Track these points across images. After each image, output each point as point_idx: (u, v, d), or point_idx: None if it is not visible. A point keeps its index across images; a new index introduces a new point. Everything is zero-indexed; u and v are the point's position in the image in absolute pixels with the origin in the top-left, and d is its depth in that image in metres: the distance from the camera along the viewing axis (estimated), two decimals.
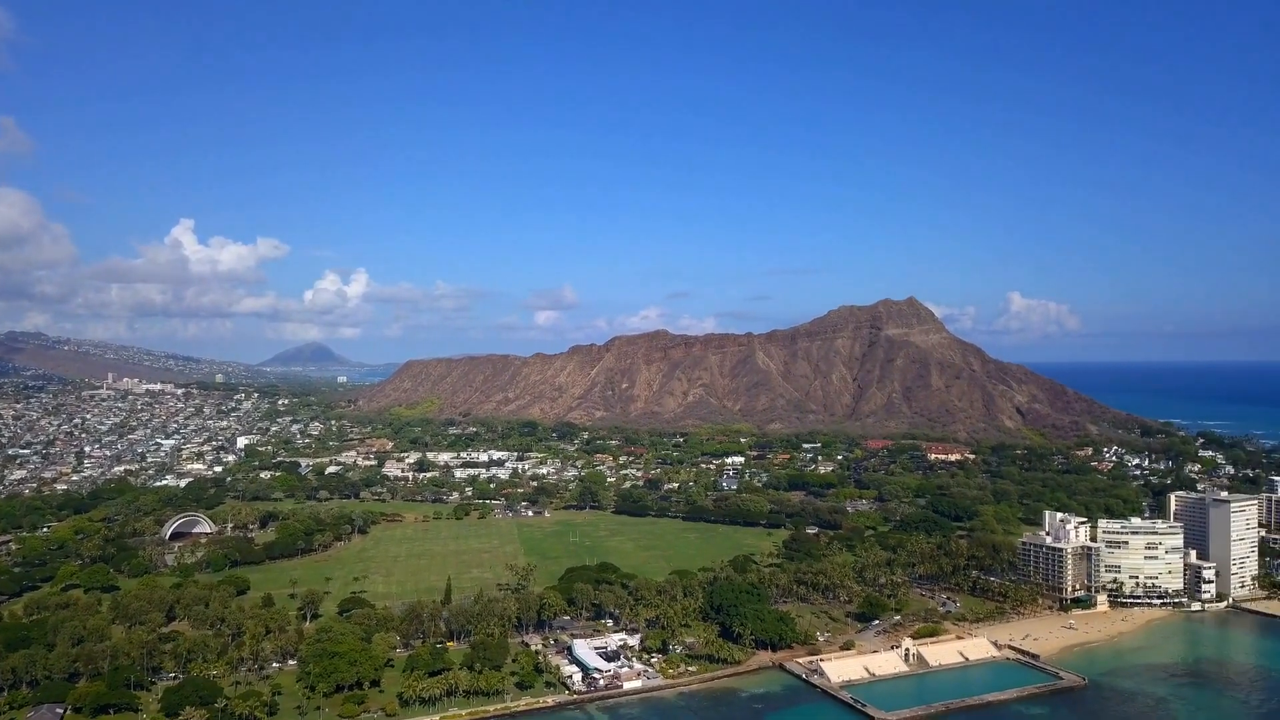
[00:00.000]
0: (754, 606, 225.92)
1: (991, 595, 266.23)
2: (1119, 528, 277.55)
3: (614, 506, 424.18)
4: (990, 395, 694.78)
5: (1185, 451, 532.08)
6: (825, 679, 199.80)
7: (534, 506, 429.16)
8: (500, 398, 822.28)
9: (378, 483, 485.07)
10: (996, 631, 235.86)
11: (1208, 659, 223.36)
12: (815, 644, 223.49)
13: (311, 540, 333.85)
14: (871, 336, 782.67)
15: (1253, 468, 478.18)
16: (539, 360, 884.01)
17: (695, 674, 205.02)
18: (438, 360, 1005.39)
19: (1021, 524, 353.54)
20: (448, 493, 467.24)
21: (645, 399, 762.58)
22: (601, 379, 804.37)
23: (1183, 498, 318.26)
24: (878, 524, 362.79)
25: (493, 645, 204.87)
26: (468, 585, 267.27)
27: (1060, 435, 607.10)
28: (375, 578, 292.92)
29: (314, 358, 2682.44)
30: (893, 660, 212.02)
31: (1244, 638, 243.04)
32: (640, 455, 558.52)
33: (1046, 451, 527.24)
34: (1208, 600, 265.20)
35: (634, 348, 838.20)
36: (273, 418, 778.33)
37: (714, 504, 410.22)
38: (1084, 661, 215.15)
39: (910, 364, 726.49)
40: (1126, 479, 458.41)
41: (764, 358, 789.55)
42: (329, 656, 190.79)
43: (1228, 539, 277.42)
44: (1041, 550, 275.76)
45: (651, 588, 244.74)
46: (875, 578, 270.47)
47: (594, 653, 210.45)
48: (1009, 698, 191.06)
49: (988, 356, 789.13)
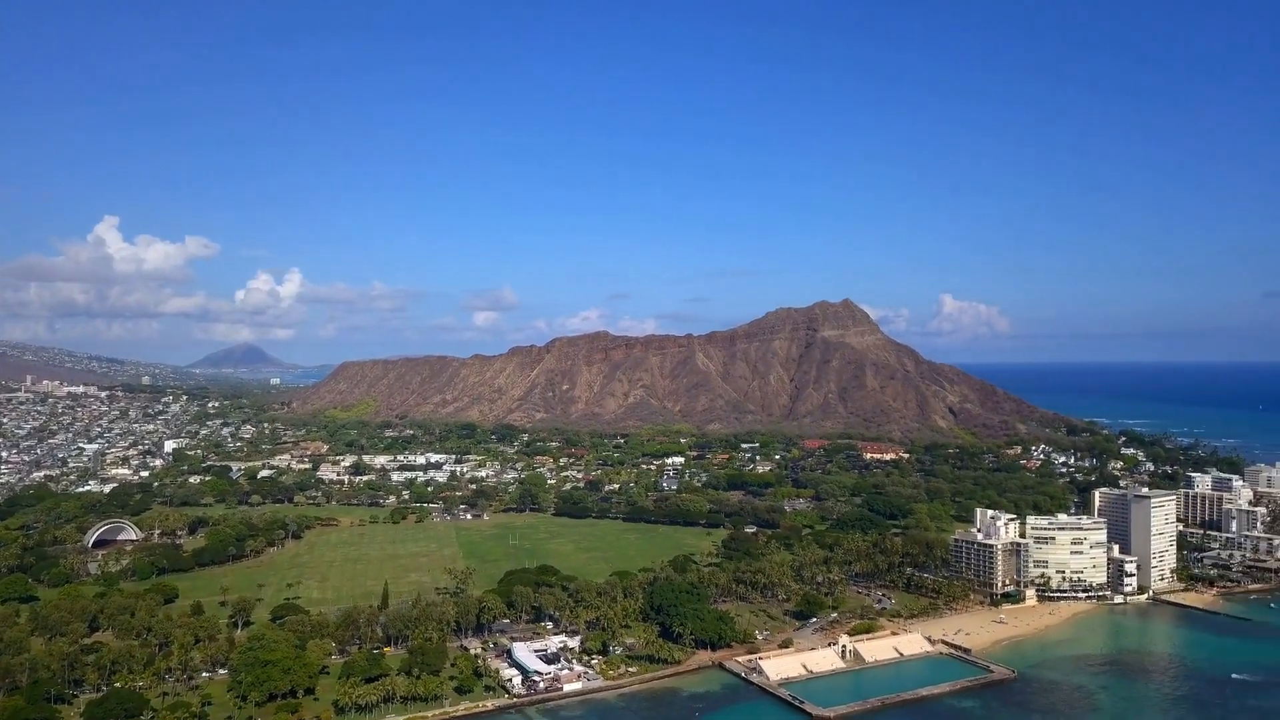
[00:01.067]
0: (694, 606, 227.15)
1: (925, 591, 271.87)
2: (1046, 524, 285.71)
3: (554, 508, 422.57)
4: (924, 395, 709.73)
5: (1108, 449, 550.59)
6: (764, 677, 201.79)
7: (473, 509, 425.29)
8: (438, 400, 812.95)
9: (312, 486, 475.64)
10: (930, 627, 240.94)
11: (1129, 650, 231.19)
12: (754, 642, 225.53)
13: (243, 546, 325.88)
14: (808, 338, 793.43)
15: (1171, 464, 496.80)
16: (478, 362, 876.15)
17: (635, 675, 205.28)
18: (374, 362, 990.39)
19: (954, 521, 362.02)
20: (384, 496, 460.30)
21: (586, 400, 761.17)
22: (542, 380, 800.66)
23: (1106, 494, 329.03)
24: (815, 523, 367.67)
25: (431, 650, 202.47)
26: (405, 590, 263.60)
27: (991, 434, 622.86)
28: (310, 583, 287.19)
29: (246, 359, 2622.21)
30: (830, 657, 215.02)
31: (1163, 628, 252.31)
32: (581, 457, 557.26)
33: (978, 450, 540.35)
34: (1130, 593, 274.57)
35: (574, 349, 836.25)
36: (202, 421, 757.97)
37: (654, 504, 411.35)
38: (1014, 654, 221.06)
39: (846, 365, 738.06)
40: (1054, 477, 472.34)
41: (704, 359, 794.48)
42: (261, 665, 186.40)
43: (1148, 534, 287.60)
44: (973, 547, 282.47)
45: (592, 589, 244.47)
46: (813, 576, 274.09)
47: (534, 655, 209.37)
48: (942, 691, 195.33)
49: (921, 357, 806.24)
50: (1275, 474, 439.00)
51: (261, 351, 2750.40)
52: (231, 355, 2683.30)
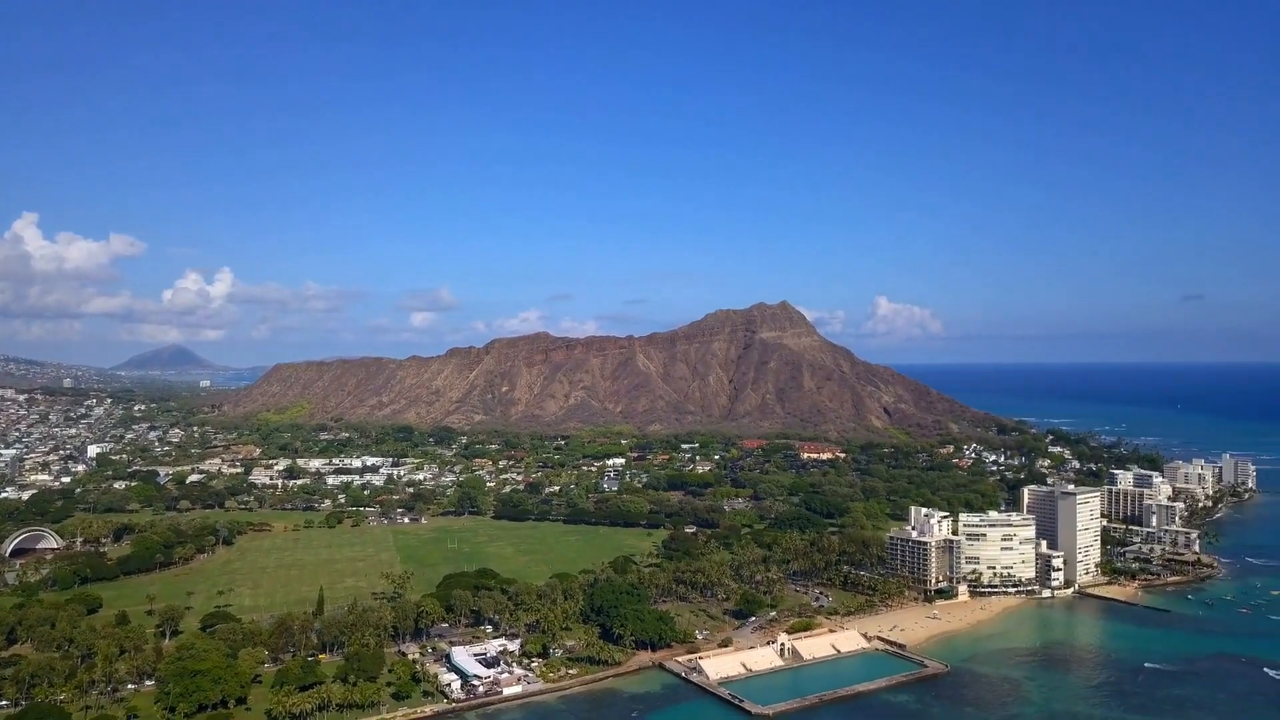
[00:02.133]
0: (634, 607, 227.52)
1: (861, 589, 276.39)
2: (978, 521, 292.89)
3: (494, 511, 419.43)
4: (859, 396, 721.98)
5: (1036, 448, 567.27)
6: (704, 677, 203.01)
7: (410, 513, 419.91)
8: (374, 402, 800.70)
9: (244, 491, 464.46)
10: (866, 623, 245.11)
11: (1056, 642, 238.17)
12: (694, 642, 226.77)
13: (171, 553, 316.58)
14: (747, 339, 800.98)
15: (1096, 462, 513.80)
16: (415, 363, 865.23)
17: (576, 677, 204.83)
18: (308, 363, 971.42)
19: (889, 520, 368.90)
20: (319, 500, 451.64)
21: (526, 402, 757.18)
22: (480, 382, 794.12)
23: (1034, 491, 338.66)
24: (754, 522, 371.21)
25: (368, 656, 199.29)
26: (341, 595, 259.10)
27: (924, 434, 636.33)
28: (242, 590, 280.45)
29: (174, 361, 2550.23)
30: (769, 655, 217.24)
31: (1087, 621, 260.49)
32: (521, 459, 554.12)
33: (912, 449, 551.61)
34: (1057, 587, 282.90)
35: (514, 350, 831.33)
36: (128, 424, 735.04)
37: (595, 506, 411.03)
38: (947, 649, 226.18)
39: (784, 366, 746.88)
40: (985, 475, 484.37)
41: (644, 360, 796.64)
42: (190, 675, 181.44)
43: (1074, 529, 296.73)
44: (908, 544, 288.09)
45: (532, 592, 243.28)
46: (752, 575, 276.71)
47: (473, 659, 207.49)
48: (878, 687, 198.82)
49: (857, 359, 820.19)
50: (1192, 470, 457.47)
51: (190, 353, 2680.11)
52: (159, 357, 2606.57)
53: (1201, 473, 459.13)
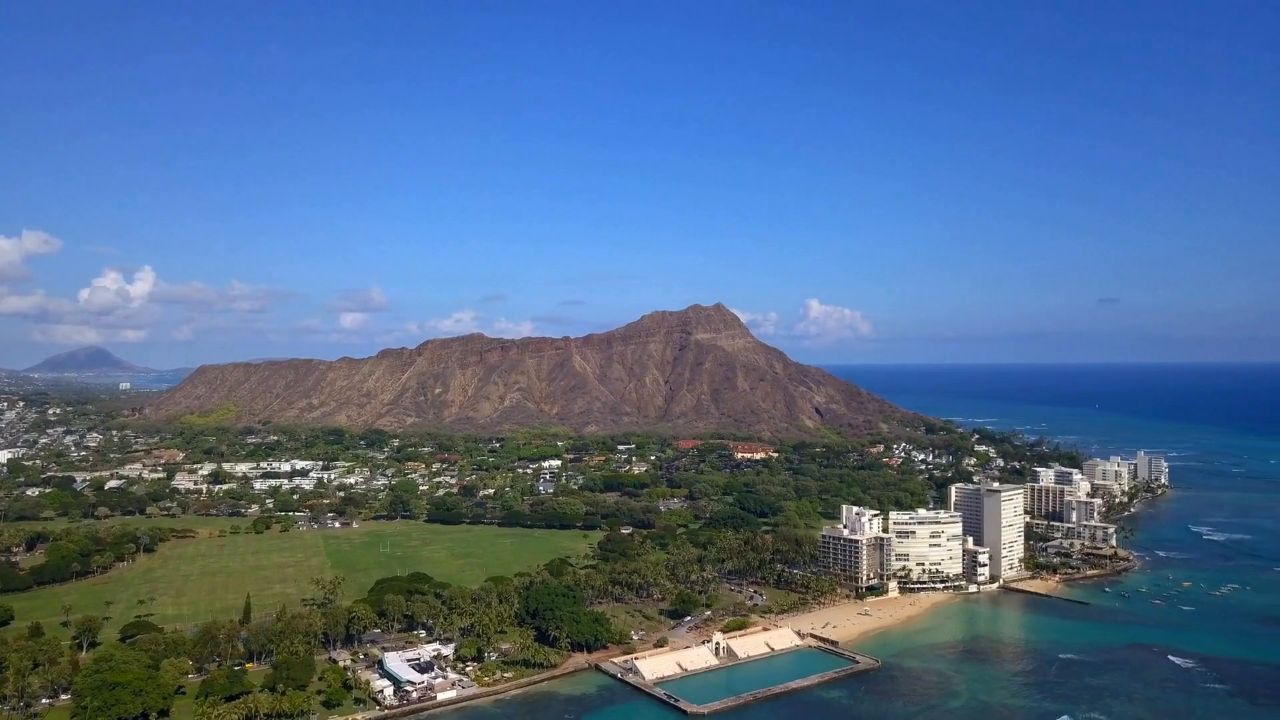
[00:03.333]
0: (570, 609, 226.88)
1: (795, 587, 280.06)
2: (907, 519, 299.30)
3: (427, 515, 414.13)
4: (792, 396, 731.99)
5: (963, 447, 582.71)
6: (640, 677, 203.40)
7: (341, 517, 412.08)
8: (304, 404, 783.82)
9: (167, 497, 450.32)
10: (800, 621, 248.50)
11: (982, 636, 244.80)
12: (630, 643, 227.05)
13: (88, 562, 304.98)
14: (682, 341, 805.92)
15: (1019, 460, 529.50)
16: (345, 365, 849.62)
17: (511, 680, 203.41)
18: (234, 365, 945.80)
19: (821, 518, 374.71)
20: (246, 505, 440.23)
21: (460, 404, 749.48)
22: (413, 384, 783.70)
23: (961, 489, 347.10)
24: (689, 522, 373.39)
25: (297, 664, 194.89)
26: (269, 602, 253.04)
27: (855, 433, 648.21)
28: (164, 599, 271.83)
29: (91, 363, 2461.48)
30: (704, 655, 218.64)
31: (1011, 615, 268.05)
32: (455, 462, 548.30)
33: (843, 449, 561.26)
34: (983, 582, 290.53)
35: (448, 351, 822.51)
36: (42, 429, 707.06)
37: (530, 508, 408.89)
38: (878, 645, 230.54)
39: (718, 367, 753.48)
40: (913, 473, 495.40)
41: (581, 361, 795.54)
42: (109, 688, 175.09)
43: (999, 526, 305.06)
44: (839, 542, 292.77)
45: (466, 595, 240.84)
46: (687, 574, 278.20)
47: (406, 665, 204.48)
48: (811, 683, 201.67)
49: (789, 360, 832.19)
50: (1109, 468, 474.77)
51: (109, 354, 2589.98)
52: (75, 358, 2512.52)
53: (1118, 470, 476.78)
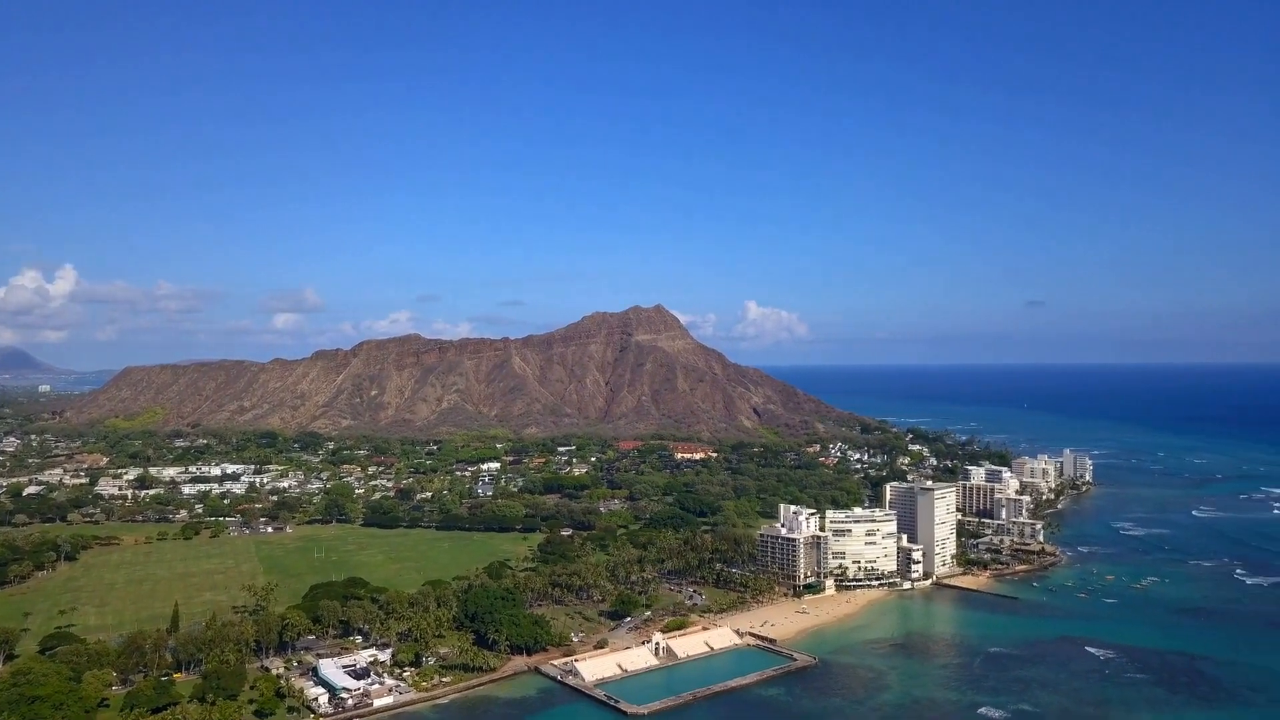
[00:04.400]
0: (509, 612, 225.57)
1: (734, 586, 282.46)
2: (843, 517, 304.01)
3: (363, 519, 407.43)
4: (731, 397, 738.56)
5: (897, 446, 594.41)
6: (580, 679, 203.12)
7: (274, 522, 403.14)
8: (235, 407, 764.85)
9: (90, 503, 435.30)
10: (739, 620, 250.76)
11: (915, 632, 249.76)
12: (570, 645, 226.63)
13: (5, 572, 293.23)
14: (623, 342, 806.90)
15: (951, 459, 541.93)
16: (278, 366, 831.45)
17: (450, 685, 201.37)
18: (162, 367, 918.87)
19: (760, 517, 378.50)
20: (174, 511, 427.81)
21: (396, 406, 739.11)
22: (348, 386, 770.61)
23: (895, 488, 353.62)
24: (629, 522, 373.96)
25: (227, 673, 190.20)
26: (199, 610, 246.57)
27: (792, 433, 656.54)
28: (87, 609, 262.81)
29: (8, 364, 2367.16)
30: (644, 655, 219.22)
31: (944, 610, 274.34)
32: (391, 465, 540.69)
33: (781, 449, 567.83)
34: (917, 579, 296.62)
35: (384, 352, 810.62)
36: None
37: (469, 511, 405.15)
38: (815, 642, 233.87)
39: (658, 368, 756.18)
40: (849, 472, 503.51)
41: (520, 362, 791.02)
42: (27, 701, 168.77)
43: (932, 523, 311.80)
44: (777, 541, 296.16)
45: (403, 600, 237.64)
46: (627, 575, 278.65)
47: (342, 671, 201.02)
48: (750, 682, 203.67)
49: (728, 361, 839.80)
50: (1037, 465, 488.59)
51: (28, 356, 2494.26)
52: None
53: (1045, 467, 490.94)
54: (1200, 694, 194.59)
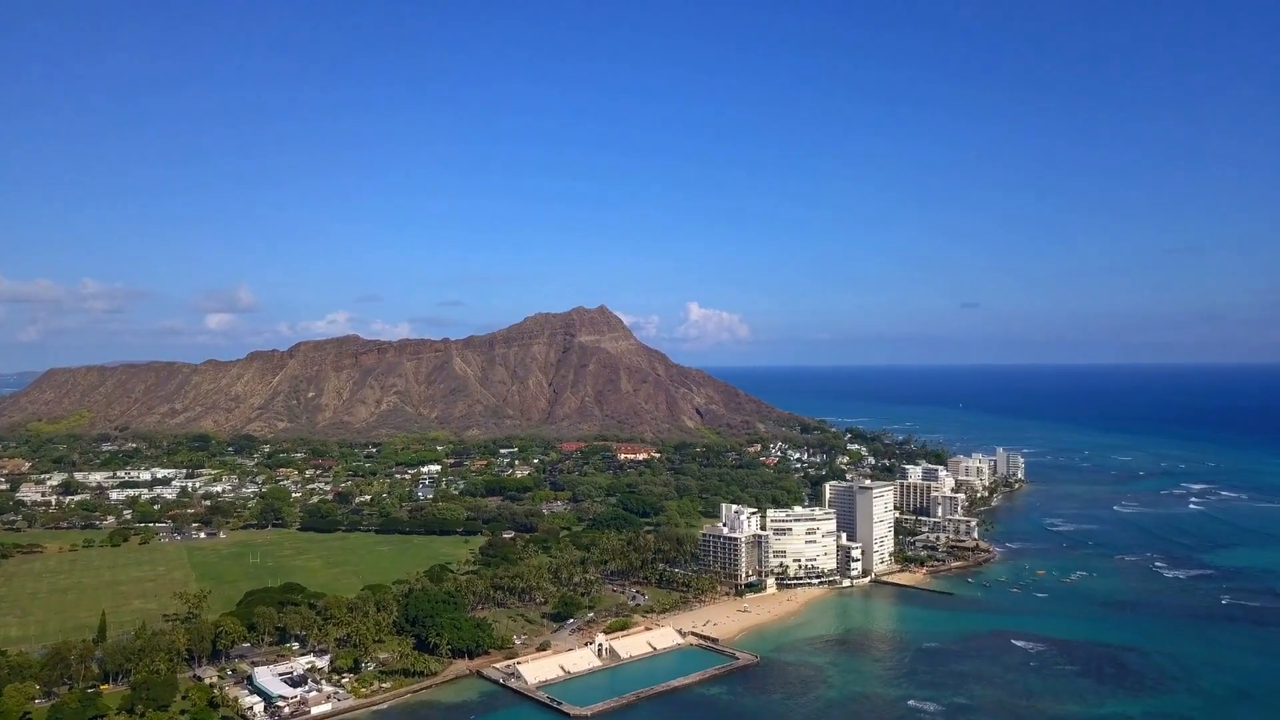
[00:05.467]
0: (450, 615, 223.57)
1: (676, 586, 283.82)
2: (784, 516, 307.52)
3: (300, 523, 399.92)
4: (673, 398, 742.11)
5: (836, 445, 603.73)
6: (522, 681, 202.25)
7: (207, 528, 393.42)
8: (165, 409, 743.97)
9: (10, 510, 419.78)
10: (681, 620, 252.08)
11: (855, 628, 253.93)
12: (513, 648, 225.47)
13: None
14: (566, 343, 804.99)
15: (889, 458, 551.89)
16: (212, 367, 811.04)
17: (390, 690, 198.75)
18: (88, 368, 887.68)
19: (702, 517, 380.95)
20: (101, 517, 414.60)
21: (334, 408, 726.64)
22: (285, 387, 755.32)
23: (835, 486, 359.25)
24: (572, 524, 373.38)
25: (158, 683, 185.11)
26: (128, 619, 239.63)
27: (734, 433, 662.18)
28: (8, 620, 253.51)
29: None
30: (587, 656, 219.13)
31: (882, 607, 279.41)
32: (329, 468, 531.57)
33: (723, 448, 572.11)
34: (856, 576, 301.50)
35: (321, 354, 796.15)
36: None
37: (409, 515, 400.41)
38: (757, 641, 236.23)
39: (602, 369, 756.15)
40: (790, 472, 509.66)
41: (461, 364, 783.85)
42: None
43: (870, 521, 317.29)
44: (719, 540, 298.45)
45: (342, 605, 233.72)
46: (570, 577, 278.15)
47: (278, 679, 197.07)
48: (692, 681, 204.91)
49: (671, 362, 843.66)
50: (971, 464, 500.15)
51: None
52: None
53: (979, 466, 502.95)
54: (1125, 684, 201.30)
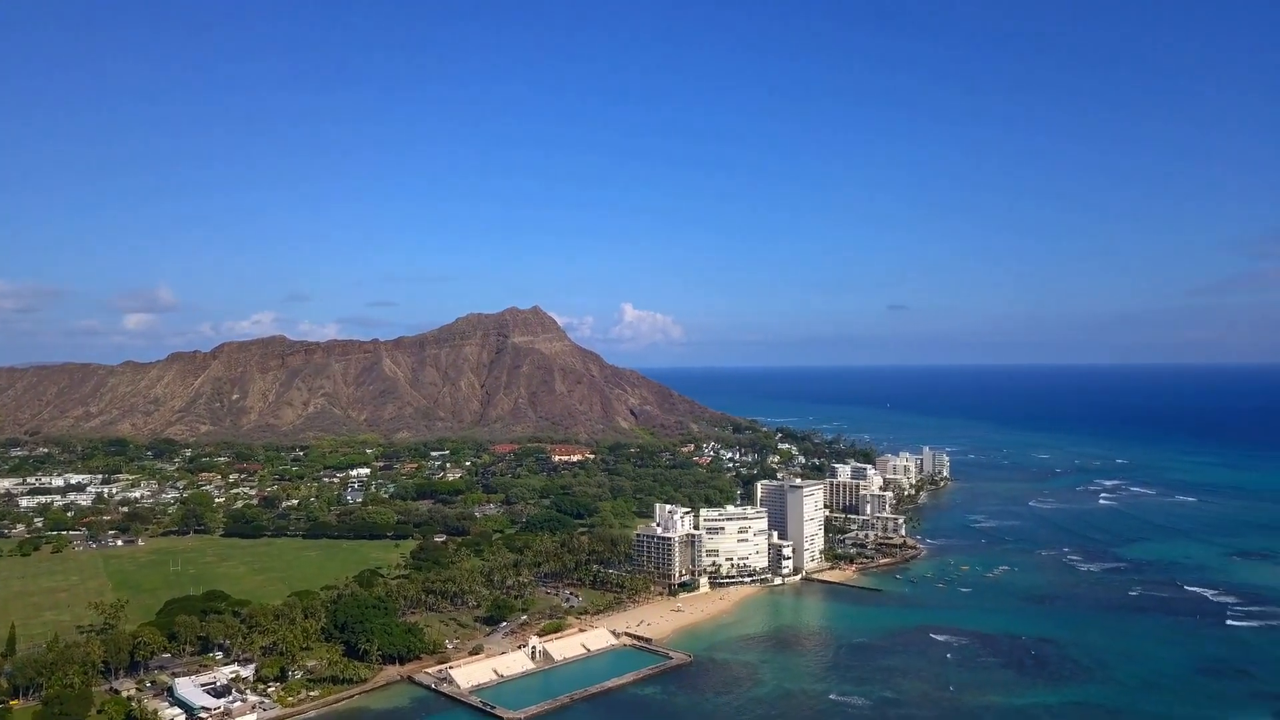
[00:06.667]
0: (381, 621, 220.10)
1: (610, 587, 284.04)
2: (717, 516, 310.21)
3: (223, 529, 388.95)
4: (608, 399, 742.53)
5: (767, 445, 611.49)
6: (455, 686, 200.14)
7: (125, 535, 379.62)
8: (80, 413, 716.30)
9: None
10: (615, 620, 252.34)
11: (786, 626, 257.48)
12: (445, 652, 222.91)
13: None
14: (499, 344, 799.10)
15: (819, 457, 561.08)
16: (130, 369, 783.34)
17: (318, 698, 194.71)
18: None
19: (636, 518, 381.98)
20: (10, 525, 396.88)
21: (260, 410, 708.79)
22: (208, 389, 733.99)
23: (766, 486, 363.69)
24: (505, 527, 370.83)
25: (71, 697, 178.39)
26: (39, 631, 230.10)
27: (668, 433, 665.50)
28: None
29: None
30: (520, 659, 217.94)
31: (813, 604, 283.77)
32: (254, 472, 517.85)
33: (657, 449, 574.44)
34: (787, 574, 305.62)
35: (246, 355, 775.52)
36: None
37: (338, 519, 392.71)
38: (690, 640, 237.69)
39: (536, 370, 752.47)
40: (722, 471, 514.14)
41: (391, 365, 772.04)
42: None
43: (801, 520, 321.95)
44: (653, 541, 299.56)
45: (268, 612, 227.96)
46: (503, 580, 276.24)
47: (200, 690, 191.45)
48: (626, 681, 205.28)
49: (605, 363, 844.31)
50: (899, 463, 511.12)
51: None
52: None
53: (906, 464, 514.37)
54: (1044, 675, 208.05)
